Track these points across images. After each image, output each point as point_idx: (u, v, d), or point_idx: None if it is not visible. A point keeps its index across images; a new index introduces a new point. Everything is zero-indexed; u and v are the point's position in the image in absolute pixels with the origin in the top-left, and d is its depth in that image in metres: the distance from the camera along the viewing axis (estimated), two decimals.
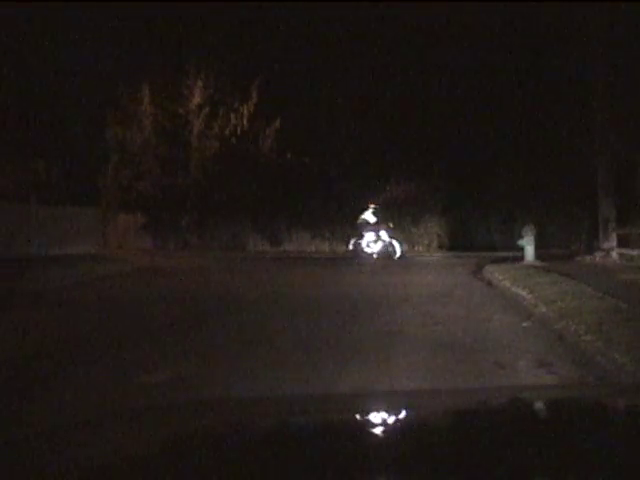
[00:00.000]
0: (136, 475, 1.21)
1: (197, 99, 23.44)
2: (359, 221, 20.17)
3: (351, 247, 20.25)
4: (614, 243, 17.77)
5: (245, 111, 23.54)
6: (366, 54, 23.15)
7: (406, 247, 20.66)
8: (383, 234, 19.81)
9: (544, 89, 21.29)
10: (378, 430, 1.50)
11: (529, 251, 16.75)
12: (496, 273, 13.70)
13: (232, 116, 23.56)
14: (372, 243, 19.93)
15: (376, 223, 20.00)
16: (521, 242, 17.17)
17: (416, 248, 24.24)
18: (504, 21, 21.03)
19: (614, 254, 17.41)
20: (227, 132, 23.65)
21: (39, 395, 4.88)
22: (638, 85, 16.71)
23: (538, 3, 19.01)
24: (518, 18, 20.70)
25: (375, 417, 1.65)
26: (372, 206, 20.36)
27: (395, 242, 19.72)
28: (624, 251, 17.20)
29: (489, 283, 12.92)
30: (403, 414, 1.67)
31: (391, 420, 1.61)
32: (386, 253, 19.62)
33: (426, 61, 22.86)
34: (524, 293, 10.23)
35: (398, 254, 19.56)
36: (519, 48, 21.52)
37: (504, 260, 16.83)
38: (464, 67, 22.49)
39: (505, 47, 21.41)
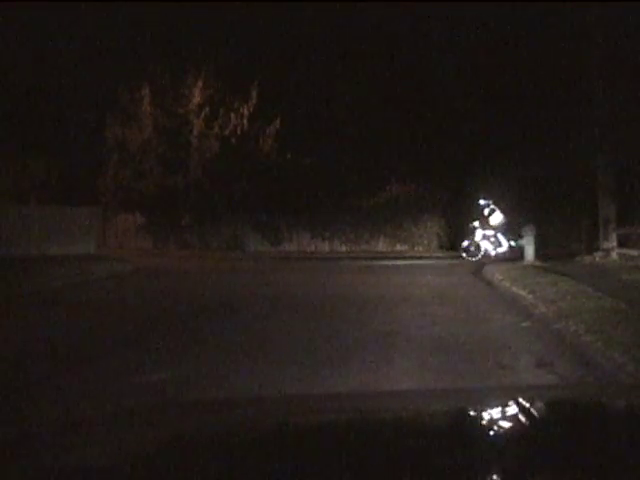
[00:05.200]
0: (136, 475, 1.21)
1: (197, 99, 23.42)
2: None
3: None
4: (614, 243, 17.74)
5: (245, 111, 23.53)
6: (366, 54, 23.15)
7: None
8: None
9: (543, 88, 21.26)
10: (378, 430, 1.50)
11: (529, 251, 16.73)
12: (496, 273, 13.68)
13: (232, 116, 23.55)
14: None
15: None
16: (521, 242, 17.13)
17: (416, 248, 24.23)
18: (503, 21, 21.02)
19: (614, 254, 17.38)
20: (227, 132, 23.64)
21: (38, 395, 4.88)
22: (638, 85, 16.70)
23: (538, 3, 18.99)
24: (517, 19, 20.70)
25: (375, 417, 1.65)
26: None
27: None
28: (624, 251, 17.18)
29: (489, 283, 12.91)
30: (403, 414, 1.66)
31: (391, 420, 1.61)
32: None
33: (426, 61, 22.87)
34: (524, 293, 10.22)
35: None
36: (518, 48, 21.49)
37: (504, 260, 16.81)
38: (464, 68, 22.50)
39: (504, 48, 21.40)
